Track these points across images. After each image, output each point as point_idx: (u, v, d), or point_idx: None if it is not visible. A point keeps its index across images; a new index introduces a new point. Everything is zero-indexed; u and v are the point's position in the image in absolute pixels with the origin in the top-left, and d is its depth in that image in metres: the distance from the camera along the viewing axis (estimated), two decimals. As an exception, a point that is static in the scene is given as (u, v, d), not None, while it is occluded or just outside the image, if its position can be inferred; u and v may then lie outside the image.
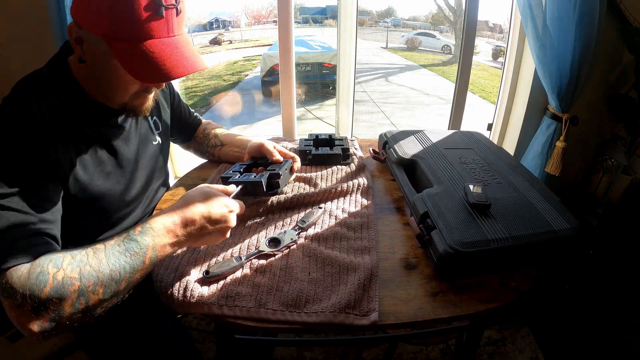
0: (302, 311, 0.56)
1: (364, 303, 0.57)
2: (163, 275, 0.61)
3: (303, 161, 0.99)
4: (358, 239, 0.71)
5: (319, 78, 5.76)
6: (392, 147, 0.96)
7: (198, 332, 1.36)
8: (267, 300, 0.57)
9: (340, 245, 0.70)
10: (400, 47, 9.98)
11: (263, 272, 0.63)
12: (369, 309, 0.56)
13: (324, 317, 0.55)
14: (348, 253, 0.67)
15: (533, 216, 0.68)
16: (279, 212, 0.79)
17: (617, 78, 1.32)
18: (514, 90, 1.40)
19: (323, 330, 0.55)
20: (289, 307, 0.57)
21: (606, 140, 1.40)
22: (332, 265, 0.64)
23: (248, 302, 0.57)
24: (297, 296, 0.58)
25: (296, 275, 0.62)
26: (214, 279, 0.61)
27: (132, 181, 0.73)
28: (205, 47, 8.44)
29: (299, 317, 0.55)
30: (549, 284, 1.44)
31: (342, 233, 0.72)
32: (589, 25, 1.06)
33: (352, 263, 0.64)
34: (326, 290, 0.60)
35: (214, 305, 0.57)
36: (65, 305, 0.47)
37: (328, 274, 0.63)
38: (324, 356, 1.27)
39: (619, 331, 1.32)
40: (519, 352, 1.30)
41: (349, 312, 0.55)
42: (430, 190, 0.76)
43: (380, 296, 0.60)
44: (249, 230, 0.74)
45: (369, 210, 0.79)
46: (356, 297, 0.57)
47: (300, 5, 10.59)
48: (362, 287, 0.59)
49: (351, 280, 0.61)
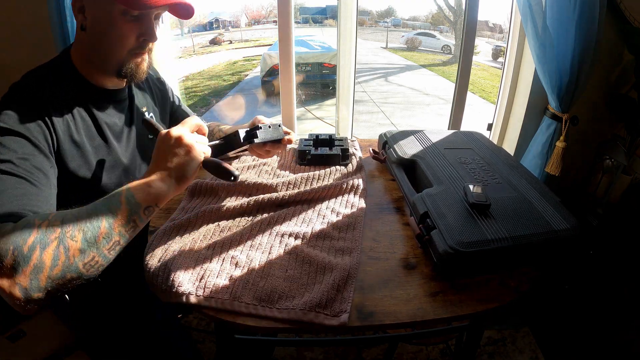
0: (274, 307, 0.57)
1: (336, 304, 0.57)
2: (153, 266, 0.63)
3: (302, 161, 0.99)
4: (342, 239, 0.71)
5: (319, 78, 5.75)
6: (391, 147, 0.96)
7: (198, 332, 1.36)
8: (242, 293, 0.59)
9: (322, 244, 0.70)
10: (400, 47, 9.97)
11: (242, 266, 0.64)
12: (341, 310, 0.56)
13: (294, 314, 0.56)
14: (329, 253, 0.68)
15: (533, 216, 0.68)
16: (269, 209, 0.80)
17: (617, 78, 1.32)
18: (514, 90, 1.39)
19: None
20: (261, 302, 0.57)
21: (606, 140, 1.40)
22: (310, 264, 0.65)
23: (224, 294, 0.58)
24: (271, 292, 0.59)
25: (273, 272, 0.63)
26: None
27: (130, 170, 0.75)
28: (205, 47, 8.44)
29: (270, 313, 0.56)
30: (549, 284, 1.43)
31: (327, 232, 0.73)
32: (589, 25, 1.06)
33: (331, 263, 0.64)
34: (300, 288, 0.60)
35: (192, 296, 0.58)
36: (45, 257, 0.46)
37: (305, 272, 0.63)
38: (324, 356, 1.28)
39: (618, 331, 1.32)
40: (519, 352, 1.30)
41: (319, 312, 0.56)
42: (430, 190, 0.76)
43: (380, 296, 0.60)
44: (237, 226, 0.75)
45: (358, 212, 0.79)
46: (328, 297, 0.57)
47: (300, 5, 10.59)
48: (336, 288, 0.59)
49: (326, 280, 0.61)
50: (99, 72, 0.70)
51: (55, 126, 0.61)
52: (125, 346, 0.75)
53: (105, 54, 0.66)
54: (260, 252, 0.67)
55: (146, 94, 0.85)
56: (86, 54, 0.68)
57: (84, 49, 0.68)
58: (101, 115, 0.71)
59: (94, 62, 0.68)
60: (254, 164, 0.98)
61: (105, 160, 0.70)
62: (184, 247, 0.68)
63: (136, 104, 0.80)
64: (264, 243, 0.70)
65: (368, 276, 0.64)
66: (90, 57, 0.68)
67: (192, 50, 8.11)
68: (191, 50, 8.06)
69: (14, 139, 0.56)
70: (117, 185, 0.69)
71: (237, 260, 0.65)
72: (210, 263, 0.64)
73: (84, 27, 0.65)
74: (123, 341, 0.76)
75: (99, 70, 0.69)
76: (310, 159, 0.98)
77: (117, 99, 0.75)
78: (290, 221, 0.76)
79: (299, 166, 0.98)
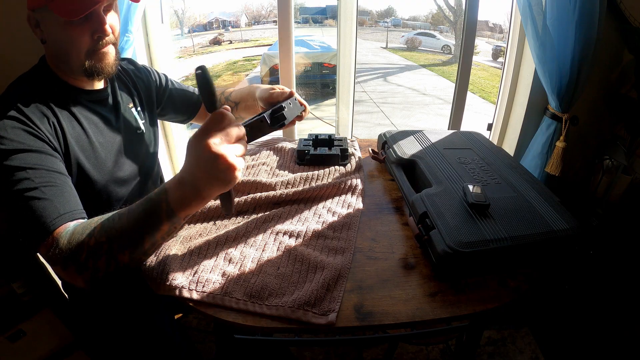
0: (264, 303, 0.57)
1: (325, 302, 0.57)
2: (150, 260, 0.64)
3: (301, 161, 0.99)
4: (335, 239, 0.71)
5: (319, 78, 5.75)
6: (391, 147, 0.96)
7: (198, 332, 1.36)
8: (234, 289, 0.59)
9: (316, 243, 0.70)
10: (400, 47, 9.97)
11: (235, 262, 0.64)
12: (329, 309, 0.56)
13: (282, 311, 0.56)
14: (322, 252, 0.68)
15: (532, 216, 0.68)
16: (265, 207, 0.80)
17: (617, 78, 1.32)
18: (514, 90, 1.39)
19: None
20: (251, 298, 0.58)
21: (606, 140, 1.40)
22: (302, 262, 0.65)
23: (215, 289, 0.59)
24: (262, 288, 0.59)
25: (265, 269, 0.64)
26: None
27: (117, 165, 0.76)
28: (205, 47, 8.44)
29: (260, 309, 0.57)
30: (549, 284, 1.43)
31: (321, 231, 0.73)
32: (589, 25, 1.06)
33: (322, 262, 0.64)
34: (291, 285, 0.61)
35: (185, 289, 0.59)
36: (100, 263, 0.54)
37: (297, 270, 0.64)
38: (324, 356, 1.28)
39: (618, 331, 1.32)
40: (519, 352, 1.30)
41: (307, 310, 0.56)
42: (429, 190, 0.76)
43: (379, 296, 0.60)
44: (233, 223, 0.75)
45: (354, 212, 0.80)
46: (318, 296, 0.58)
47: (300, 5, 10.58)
48: (326, 287, 0.59)
49: (317, 278, 0.61)
50: (73, 76, 0.71)
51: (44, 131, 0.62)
52: (125, 346, 0.76)
53: (66, 61, 0.67)
54: (254, 249, 0.68)
55: (130, 87, 0.85)
56: (54, 63, 0.70)
57: (51, 59, 0.70)
58: (84, 115, 0.71)
59: (62, 69, 0.70)
60: (253, 164, 0.98)
61: (92, 158, 0.70)
62: (180, 242, 0.69)
63: (120, 100, 0.80)
64: (258, 240, 0.70)
65: (367, 276, 0.64)
66: (58, 66, 0.69)
67: (192, 50, 8.11)
68: (191, 50, 8.06)
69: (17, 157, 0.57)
70: (106, 182, 0.72)
71: (231, 256, 0.66)
72: (205, 258, 0.65)
73: (44, 41, 0.67)
74: (123, 341, 0.76)
75: (71, 74, 0.70)
76: (309, 158, 0.98)
77: (99, 98, 0.75)
78: (286, 220, 0.76)
79: (297, 166, 0.98)
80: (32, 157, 0.58)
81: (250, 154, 1.05)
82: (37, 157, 0.59)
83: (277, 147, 1.08)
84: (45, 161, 0.60)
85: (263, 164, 0.98)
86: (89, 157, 0.69)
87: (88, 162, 0.69)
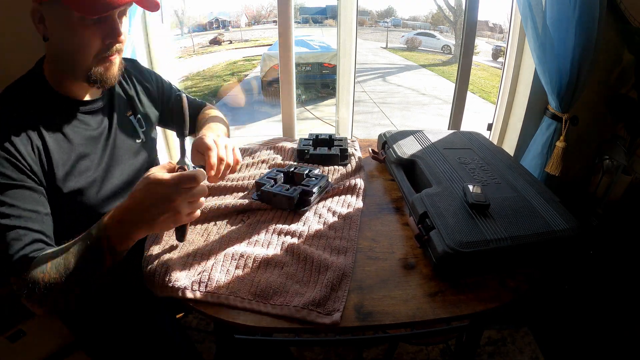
0: (269, 302, 0.57)
1: (329, 302, 0.57)
2: (151, 263, 0.64)
3: (301, 161, 1.00)
4: (337, 239, 0.71)
5: (319, 78, 5.75)
6: (391, 147, 0.96)
7: (198, 332, 1.36)
8: (239, 288, 0.59)
9: (318, 243, 0.70)
10: (400, 47, 9.96)
11: (238, 261, 0.64)
12: (334, 308, 0.56)
13: (287, 310, 0.56)
14: (325, 251, 0.68)
15: (532, 216, 0.68)
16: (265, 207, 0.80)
17: (617, 78, 1.32)
18: (514, 90, 1.39)
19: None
20: (256, 297, 0.58)
21: (606, 140, 1.40)
22: (306, 262, 0.65)
23: (220, 288, 0.59)
24: (266, 287, 0.59)
25: (269, 268, 0.64)
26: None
27: (108, 178, 0.73)
28: (205, 47, 8.43)
29: (264, 308, 0.57)
30: (549, 284, 1.43)
31: (323, 231, 0.73)
32: (589, 25, 1.06)
33: (326, 261, 0.64)
34: (295, 285, 0.61)
35: (188, 290, 0.59)
36: (59, 298, 0.56)
37: (301, 269, 0.64)
38: (324, 356, 1.27)
39: (618, 331, 1.32)
40: (519, 352, 1.30)
41: (312, 309, 0.56)
42: (429, 190, 0.76)
43: (379, 296, 0.60)
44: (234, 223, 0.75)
45: (355, 212, 0.80)
46: (322, 296, 0.57)
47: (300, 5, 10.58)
48: (331, 287, 0.59)
49: (322, 278, 0.61)
50: (70, 81, 0.67)
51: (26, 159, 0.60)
52: (125, 346, 0.75)
53: (70, 62, 0.64)
54: (257, 249, 0.68)
55: (130, 94, 0.82)
56: (54, 64, 0.66)
57: (51, 59, 0.66)
58: (74, 131, 0.68)
59: (63, 70, 0.66)
60: (253, 162, 0.98)
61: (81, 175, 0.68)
62: (182, 244, 0.69)
63: (116, 109, 0.77)
64: (261, 240, 0.70)
65: (367, 276, 0.64)
66: (58, 67, 0.66)
67: (192, 50, 8.11)
68: (191, 50, 8.06)
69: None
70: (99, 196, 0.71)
71: (235, 256, 0.65)
72: (207, 259, 0.65)
73: (46, 38, 0.63)
74: (123, 341, 0.76)
75: (69, 79, 0.67)
76: (308, 158, 0.98)
77: (93, 109, 0.72)
78: (287, 220, 0.76)
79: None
80: (10, 192, 0.57)
81: (250, 152, 1.05)
82: (14, 193, 0.58)
83: (277, 146, 1.08)
84: (21, 197, 0.58)
85: (263, 161, 0.98)
86: (78, 174, 0.67)
87: (76, 180, 0.67)
